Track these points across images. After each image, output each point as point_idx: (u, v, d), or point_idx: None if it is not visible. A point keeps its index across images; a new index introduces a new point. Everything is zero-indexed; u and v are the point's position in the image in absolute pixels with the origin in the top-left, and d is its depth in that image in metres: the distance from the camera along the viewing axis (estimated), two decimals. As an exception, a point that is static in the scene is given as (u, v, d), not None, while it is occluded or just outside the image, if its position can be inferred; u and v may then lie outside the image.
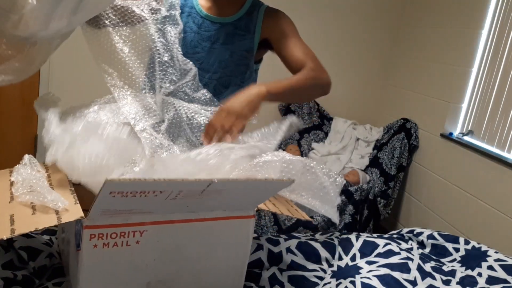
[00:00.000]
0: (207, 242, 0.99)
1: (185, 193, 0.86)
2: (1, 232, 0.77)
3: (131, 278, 0.93)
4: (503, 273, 1.38)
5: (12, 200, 0.89)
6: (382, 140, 3.32)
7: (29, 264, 1.14)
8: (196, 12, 1.41)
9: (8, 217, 0.82)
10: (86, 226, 0.85)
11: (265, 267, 1.39)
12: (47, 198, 0.86)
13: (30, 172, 0.99)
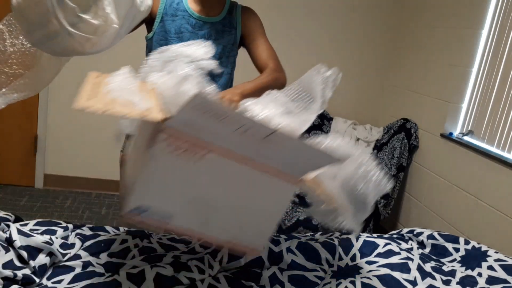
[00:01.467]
0: (252, 185, 1.07)
1: (251, 132, 0.95)
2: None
3: (182, 189, 1.01)
4: (503, 273, 1.39)
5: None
6: (382, 140, 3.32)
7: (29, 263, 1.14)
8: (188, 14, 1.61)
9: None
10: (164, 128, 0.93)
11: (265, 267, 1.39)
12: (136, 97, 1.01)
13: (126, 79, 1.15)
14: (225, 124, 0.93)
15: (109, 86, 1.09)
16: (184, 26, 1.60)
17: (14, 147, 3.36)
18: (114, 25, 1.30)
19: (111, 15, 1.30)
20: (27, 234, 1.20)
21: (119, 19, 1.32)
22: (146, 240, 1.44)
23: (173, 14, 1.60)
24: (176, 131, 0.94)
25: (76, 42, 1.30)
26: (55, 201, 3.27)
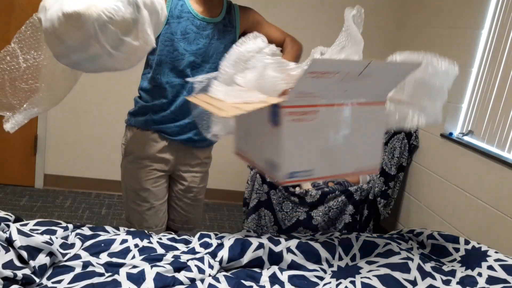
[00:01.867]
0: (357, 120, 1.35)
1: (348, 76, 1.23)
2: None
3: (312, 146, 1.31)
4: (503, 273, 1.39)
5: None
6: (382, 140, 3.32)
7: (29, 263, 1.14)
8: (193, 16, 1.66)
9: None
10: (284, 106, 1.23)
11: (265, 267, 1.39)
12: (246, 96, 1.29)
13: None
14: (331, 79, 1.21)
15: (219, 96, 1.36)
16: (189, 27, 1.65)
17: (14, 147, 3.36)
18: (153, 45, 1.38)
19: (151, 36, 1.37)
20: (27, 234, 1.20)
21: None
22: (146, 240, 1.44)
23: (178, 16, 1.65)
24: (291, 104, 1.24)
25: (116, 62, 1.35)
26: (55, 201, 3.27)
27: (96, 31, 1.25)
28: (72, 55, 1.35)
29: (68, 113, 3.37)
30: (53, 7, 1.31)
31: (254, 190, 3.01)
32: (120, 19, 1.26)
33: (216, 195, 3.62)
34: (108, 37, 1.27)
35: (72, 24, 1.25)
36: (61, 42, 1.31)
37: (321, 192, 2.84)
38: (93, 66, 1.38)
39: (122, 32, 1.29)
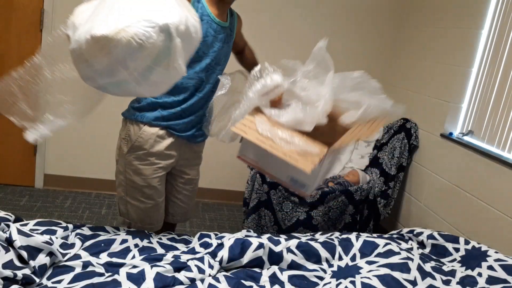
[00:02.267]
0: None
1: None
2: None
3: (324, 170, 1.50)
4: (503, 273, 1.39)
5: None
6: (382, 140, 3.32)
7: (29, 263, 1.14)
8: (211, 20, 1.69)
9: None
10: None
11: (265, 267, 1.39)
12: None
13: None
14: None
15: (258, 126, 1.41)
16: (209, 31, 1.68)
17: (14, 147, 3.36)
18: (184, 74, 1.35)
19: (182, 65, 1.32)
20: (27, 234, 1.20)
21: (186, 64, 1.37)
22: (146, 240, 1.44)
23: (200, 19, 1.67)
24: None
25: (144, 89, 1.32)
26: (55, 201, 3.27)
27: (124, 58, 1.20)
28: (98, 79, 1.31)
29: (68, 113, 3.37)
30: (82, 27, 1.25)
31: (254, 190, 3.01)
32: (151, 46, 1.20)
33: (216, 195, 3.62)
34: (137, 64, 1.22)
35: (100, 49, 1.20)
36: (88, 65, 1.27)
37: (321, 192, 2.84)
38: (120, 91, 1.35)
39: (152, 60, 1.23)
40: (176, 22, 1.25)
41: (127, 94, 1.38)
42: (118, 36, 1.17)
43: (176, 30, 1.24)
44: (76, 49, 1.24)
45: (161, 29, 1.21)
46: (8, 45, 3.15)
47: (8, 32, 3.13)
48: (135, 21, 1.19)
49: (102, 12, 1.24)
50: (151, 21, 1.20)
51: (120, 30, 1.17)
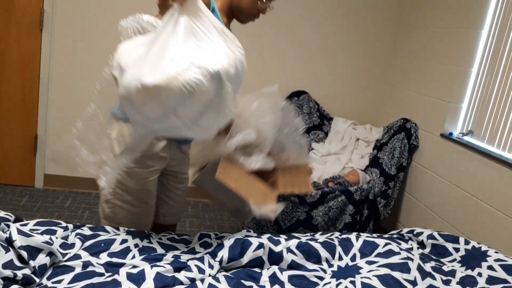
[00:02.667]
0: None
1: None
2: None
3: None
4: (503, 273, 1.38)
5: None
6: (382, 140, 3.32)
7: (29, 263, 1.14)
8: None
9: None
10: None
11: (265, 266, 1.39)
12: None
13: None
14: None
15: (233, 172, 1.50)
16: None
17: (14, 147, 3.36)
18: (233, 117, 1.39)
19: (232, 109, 1.33)
20: (27, 234, 1.20)
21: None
22: (146, 240, 1.44)
23: None
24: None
25: (194, 133, 1.33)
26: (55, 201, 3.27)
27: (175, 106, 1.19)
28: (148, 124, 1.31)
29: (68, 113, 3.37)
30: (130, 72, 1.24)
31: (254, 190, 3.01)
32: (202, 94, 1.19)
33: (216, 195, 3.62)
34: (188, 111, 1.21)
35: (151, 97, 1.19)
36: (137, 112, 1.27)
37: (321, 192, 2.84)
38: (169, 134, 1.37)
39: (203, 106, 1.22)
40: (226, 67, 1.24)
41: (177, 136, 1.41)
42: (170, 85, 1.16)
43: (227, 75, 1.24)
44: (125, 95, 1.24)
45: (212, 76, 1.20)
46: (8, 45, 3.15)
47: (8, 32, 3.13)
48: (186, 69, 1.18)
49: (150, 56, 1.22)
50: (202, 68, 1.19)
51: (172, 79, 1.16)
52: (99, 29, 3.26)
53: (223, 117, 1.32)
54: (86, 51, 3.28)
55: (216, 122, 1.33)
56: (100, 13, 3.24)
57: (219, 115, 1.29)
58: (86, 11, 3.22)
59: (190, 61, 1.19)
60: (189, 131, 1.30)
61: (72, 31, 3.24)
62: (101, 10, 3.24)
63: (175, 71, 1.17)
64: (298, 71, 3.54)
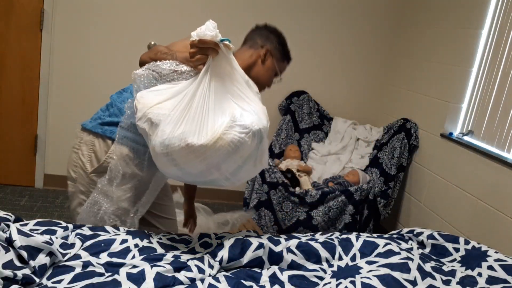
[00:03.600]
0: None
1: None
2: None
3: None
4: (503, 273, 1.38)
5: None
6: (382, 140, 3.32)
7: (29, 263, 1.14)
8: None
9: None
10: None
11: (265, 266, 1.39)
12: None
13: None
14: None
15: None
16: None
17: (14, 147, 3.36)
18: (267, 166, 1.55)
19: (266, 157, 1.40)
20: (27, 234, 1.20)
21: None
22: (146, 240, 1.44)
23: None
24: None
25: (230, 182, 1.37)
26: (55, 201, 3.26)
27: (218, 162, 1.24)
28: (187, 178, 1.36)
29: (68, 113, 3.37)
30: (167, 129, 1.26)
31: (254, 190, 3.01)
32: (244, 150, 1.25)
33: (216, 195, 3.61)
34: (229, 166, 1.27)
35: (196, 156, 1.23)
36: (178, 168, 1.30)
37: (321, 192, 2.84)
38: (203, 184, 1.40)
39: (243, 160, 1.28)
40: (265, 123, 1.31)
41: (209, 185, 1.42)
42: (216, 145, 1.21)
43: (266, 131, 1.31)
44: (165, 152, 1.26)
45: (254, 134, 1.26)
46: (8, 45, 3.15)
47: (8, 32, 3.13)
48: (230, 127, 1.23)
49: (192, 113, 1.26)
50: (245, 126, 1.24)
51: (218, 139, 1.22)
52: (99, 29, 3.26)
53: (259, 167, 1.38)
54: (86, 51, 3.28)
55: (251, 173, 1.39)
56: (100, 13, 3.24)
57: (255, 167, 1.36)
58: (86, 11, 3.22)
59: (233, 119, 1.25)
60: (227, 182, 1.35)
61: (72, 31, 3.24)
62: (101, 10, 3.24)
63: (220, 131, 1.23)
64: (298, 71, 3.53)
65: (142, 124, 1.35)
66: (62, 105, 3.35)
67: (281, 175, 2.92)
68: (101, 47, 3.28)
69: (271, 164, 2.97)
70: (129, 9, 3.24)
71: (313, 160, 3.38)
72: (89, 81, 3.33)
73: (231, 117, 1.26)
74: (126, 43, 3.26)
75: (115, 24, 3.27)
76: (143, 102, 1.37)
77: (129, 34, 3.26)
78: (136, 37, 3.23)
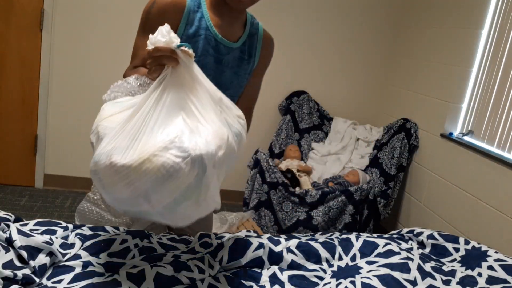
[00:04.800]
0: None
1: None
2: None
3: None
4: (503, 273, 1.38)
5: None
6: (382, 140, 3.32)
7: (29, 263, 1.14)
8: (211, 35, 1.38)
9: None
10: None
11: (265, 266, 1.39)
12: None
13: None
14: None
15: None
16: (206, 48, 1.38)
17: (14, 147, 3.36)
18: (218, 207, 1.14)
19: (216, 198, 1.13)
20: (27, 234, 1.20)
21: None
22: (146, 240, 1.44)
23: (195, 35, 1.37)
24: None
25: (169, 220, 1.12)
26: (55, 201, 3.27)
27: (147, 191, 1.00)
28: (117, 205, 1.12)
29: (68, 113, 3.37)
30: (104, 143, 1.05)
31: (254, 190, 3.01)
32: (179, 180, 0.99)
33: (216, 195, 3.62)
34: (161, 197, 1.02)
35: (120, 178, 1.01)
36: (106, 192, 1.08)
37: (321, 192, 2.84)
38: (141, 216, 1.18)
39: (180, 194, 1.02)
40: (213, 149, 1.03)
41: (151, 220, 1.21)
42: (142, 167, 0.98)
43: (212, 159, 1.02)
44: (93, 169, 1.05)
45: (193, 160, 0.99)
46: (8, 45, 3.15)
47: (8, 32, 3.13)
48: (164, 149, 0.99)
49: (128, 128, 1.04)
50: (183, 149, 0.99)
51: (145, 161, 0.98)
52: (99, 29, 3.26)
53: (204, 206, 1.09)
54: (86, 51, 3.28)
55: (195, 212, 1.09)
56: (100, 13, 3.24)
57: (199, 206, 1.07)
58: (86, 11, 3.22)
59: (171, 139, 1.00)
60: (163, 219, 1.09)
61: (72, 31, 3.24)
62: (101, 10, 3.24)
63: (151, 151, 0.99)
64: (298, 71, 3.54)
65: (91, 137, 1.15)
66: (62, 105, 3.35)
67: (281, 175, 2.92)
68: (101, 47, 3.28)
69: (271, 164, 2.97)
70: (129, 9, 3.24)
71: (313, 160, 3.38)
72: (89, 81, 3.33)
73: (171, 136, 1.01)
74: (126, 43, 3.26)
75: (115, 24, 3.27)
76: (100, 114, 1.18)
77: (129, 34, 3.25)
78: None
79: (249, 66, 1.49)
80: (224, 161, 1.07)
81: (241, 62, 1.46)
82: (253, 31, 1.48)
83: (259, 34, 1.50)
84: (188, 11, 1.35)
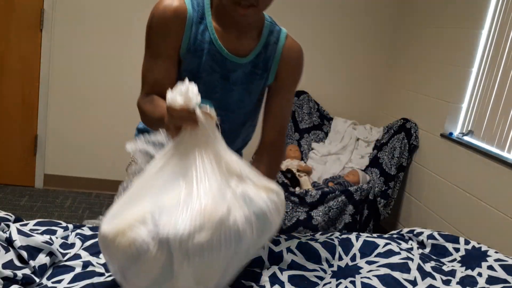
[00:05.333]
0: None
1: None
2: None
3: None
4: (503, 273, 1.38)
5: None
6: (382, 140, 3.32)
7: (29, 263, 1.14)
8: (215, 49, 1.23)
9: None
10: None
11: (265, 266, 1.39)
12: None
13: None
14: None
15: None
16: (209, 63, 1.24)
17: (14, 147, 3.36)
18: None
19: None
20: (27, 234, 1.20)
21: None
22: (146, 240, 1.44)
23: (196, 49, 1.23)
24: None
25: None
26: (55, 201, 3.27)
27: (123, 268, 0.91)
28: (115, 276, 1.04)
29: (68, 113, 3.37)
30: (113, 211, 0.98)
31: (254, 190, 3.01)
32: (148, 266, 0.87)
33: (216, 195, 3.61)
34: (135, 278, 0.91)
35: (103, 248, 0.96)
36: (106, 260, 1.02)
37: (321, 192, 2.84)
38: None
39: (153, 282, 0.90)
40: (185, 232, 0.85)
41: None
42: (115, 240, 0.88)
43: (183, 245, 0.85)
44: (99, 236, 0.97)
45: (160, 243, 0.85)
46: (8, 45, 3.15)
47: (8, 32, 3.13)
48: (142, 222, 0.87)
49: (128, 194, 0.98)
50: (156, 226, 0.86)
51: (119, 233, 0.88)
52: (99, 29, 3.26)
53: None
54: (86, 51, 3.28)
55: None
56: (100, 13, 3.24)
57: None
58: (86, 11, 3.22)
59: (152, 212, 0.88)
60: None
61: (72, 31, 3.24)
62: (101, 10, 3.24)
63: (125, 223, 0.89)
64: (298, 71, 3.53)
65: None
66: (62, 105, 3.35)
67: (281, 175, 2.92)
68: (101, 47, 3.28)
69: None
70: (129, 9, 3.24)
71: (313, 160, 3.38)
72: (89, 81, 3.33)
73: (155, 207, 0.89)
74: (126, 43, 3.26)
75: (115, 24, 3.27)
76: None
77: (129, 34, 3.25)
78: (136, 37, 3.22)
79: (263, 82, 1.32)
80: (216, 249, 0.89)
81: (253, 78, 1.30)
82: (272, 40, 1.30)
83: (279, 44, 1.32)
84: (190, 22, 1.20)
